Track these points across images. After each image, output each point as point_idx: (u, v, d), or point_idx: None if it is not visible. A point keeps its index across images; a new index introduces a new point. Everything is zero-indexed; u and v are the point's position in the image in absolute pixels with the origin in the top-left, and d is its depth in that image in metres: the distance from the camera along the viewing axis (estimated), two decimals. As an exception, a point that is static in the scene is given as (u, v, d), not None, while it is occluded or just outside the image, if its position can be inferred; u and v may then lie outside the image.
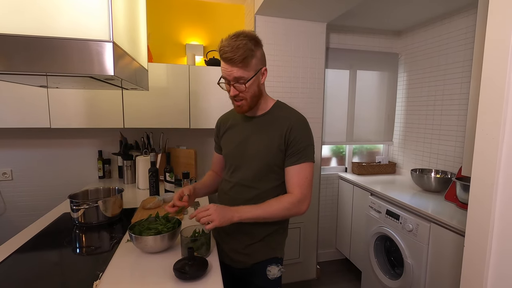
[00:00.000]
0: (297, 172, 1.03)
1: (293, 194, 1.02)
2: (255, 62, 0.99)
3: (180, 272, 0.88)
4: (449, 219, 1.52)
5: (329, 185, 2.70)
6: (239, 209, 0.97)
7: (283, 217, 1.03)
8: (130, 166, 2.10)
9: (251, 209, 0.98)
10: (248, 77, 0.98)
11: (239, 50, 0.93)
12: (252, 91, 1.02)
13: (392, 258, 2.05)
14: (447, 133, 2.20)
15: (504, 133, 0.81)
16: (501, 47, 0.82)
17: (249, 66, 0.97)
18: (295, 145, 1.02)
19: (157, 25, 2.25)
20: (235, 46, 0.93)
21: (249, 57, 0.96)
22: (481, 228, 0.89)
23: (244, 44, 0.94)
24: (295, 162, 1.02)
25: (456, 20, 2.12)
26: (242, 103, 1.04)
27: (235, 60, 0.94)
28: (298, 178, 1.02)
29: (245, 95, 1.02)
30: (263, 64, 1.04)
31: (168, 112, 2.03)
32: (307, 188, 1.03)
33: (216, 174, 1.30)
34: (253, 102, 1.05)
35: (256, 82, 1.02)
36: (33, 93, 1.78)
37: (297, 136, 1.02)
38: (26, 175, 2.13)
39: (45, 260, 1.03)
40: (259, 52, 1.01)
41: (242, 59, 0.94)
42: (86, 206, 1.29)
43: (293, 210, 1.01)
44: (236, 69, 0.97)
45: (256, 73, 1.00)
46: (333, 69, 2.56)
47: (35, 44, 0.74)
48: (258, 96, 1.06)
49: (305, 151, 1.03)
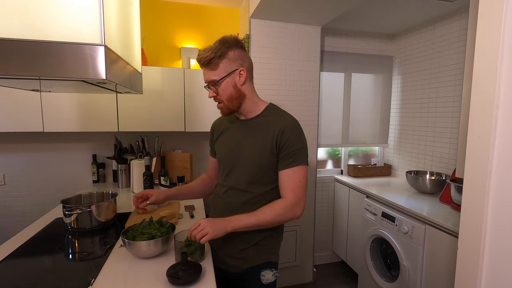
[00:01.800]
0: (290, 175, 1.02)
1: (287, 198, 1.01)
2: (227, 63, 1.00)
3: (173, 278, 0.87)
4: (444, 221, 1.53)
5: (325, 187, 2.71)
6: (232, 219, 0.96)
7: (278, 222, 1.02)
8: (124, 170, 2.08)
9: (244, 218, 0.97)
10: (218, 79, 1.00)
11: (207, 52, 0.98)
12: (227, 93, 1.02)
13: (388, 261, 2.05)
14: (442, 135, 2.21)
15: (496, 135, 0.82)
16: (491, 51, 0.83)
17: (218, 68, 1.00)
18: (287, 148, 1.01)
19: (152, 29, 2.25)
20: (207, 49, 0.98)
21: (217, 59, 0.98)
22: (474, 230, 0.89)
23: (216, 46, 0.98)
24: (287, 165, 1.02)
25: (448, 24, 2.15)
26: (221, 105, 1.06)
27: (203, 62, 1.00)
28: (291, 182, 1.01)
29: (220, 98, 1.03)
30: (238, 65, 1.02)
31: (163, 115, 2.02)
32: (301, 191, 1.02)
33: (209, 178, 1.30)
34: (232, 104, 1.05)
35: (230, 83, 1.02)
36: (25, 97, 1.76)
37: (289, 139, 1.01)
38: (19, 180, 2.10)
39: (36, 266, 1.01)
40: (233, 52, 1.01)
41: (209, 60, 0.98)
42: (79, 211, 1.28)
43: (288, 215, 1.00)
44: (206, 70, 1.01)
45: (228, 74, 1.01)
46: (328, 72, 2.58)
47: (26, 47, 0.74)
48: (238, 98, 1.05)
49: (297, 154, 1.02)
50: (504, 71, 0.81)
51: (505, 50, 0.80)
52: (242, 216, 0.98)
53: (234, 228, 0.95)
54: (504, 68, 0.80)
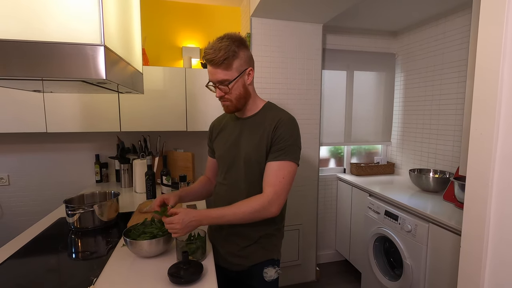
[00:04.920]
0: (275, 169, 0.99)
1: (264, 194, 0.97)
2: (239, 63, 0.99)
3: (174, 277, 0.88)
4: (447, 219, 1.52)
5: (328, 186, 2.70)
6: (202, 218, 0.96)
7: (251, 219, 0.98)
8: (127, 169, 2.09)
9: (216, 211, 0.98)
10: (231, 79, 0.98)
11: (220, 52, 0.94)
12: (237, 92, 1.02)
13: (391, 259, 2.04)
14: (445, 133, 2.19)
15: (498, 133, 0.81)
16: (493, 47, 0.82)
17: (232, 68, 0.98)
18: (279, 142, 1.00)
19: (153, 28, 2.25)
20: (217, 48, 0.95)
21: (231, 58, 0.96)
22: (477, 228, 0.88)
23: (226, 45, 0.95)
24: (275, 158, 0.99)
25: (451, 20, 2.12)
26: (228, 104, 1.04)
27: (216, 62, 0.96)
28: (274, 176, 0.98)
29: (230, 97, 1.02)
30: (248, 65, 1.02)
31: (165, 115, 2.03)
32: (282, 188, 0.98)
33: (208, 179, 1.29)
34: (240, 103, 1.04)
35: (240, 83, 1.01)
36: (28, 98, 1.78)
37: (282, 133, 1.00)
38: (23, 180, 2.12)
39: (40, 266, 1.02)
40: (243, 53, 1.00)
41: (223, 60, 0.95)
42: (82, 211, 1.28)
43: (262, 212, 0.96)
44: (219, 70, 0.98)
45: (240, 74, 1.00)
46: (330, 70, 2.56)
47: (25, 48, 0.74)
48: (245, 97, 1.05)
49: (288, 149, 0.99)
50: (507, 68, 0.79)
51: (507, 46, 0.79)
52: (215, 210, 0.98)
53: (201, 220, 0.95)
54: (506, 65, 0.79)
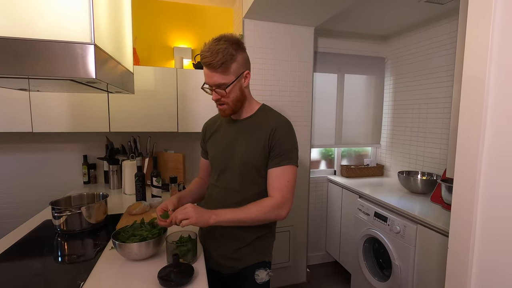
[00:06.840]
0: (279, 175, 1.01)
1: (274, 197, 1.00)
2: (236, 66, 0.98)
3: (164, 280, 0.86)
4: (435, 221, 1.55)
5: (318, 188, 2.72)
6: (217, 212, 0.95)
7: (262, 221, 1.00)
8: (116, 171, 2.05)
9: (229, 212, 0.96)
10: (228, 82, 0.97)
11: (218, 55, 0.92)
12: (234, 95, 1.01)
13: (380, 260, 2.06)
14: (433, 136, 2.24)
15: (485, 136, 0.83)
16: (480, 52, 0.84)
17: (229, 71, 0.96)
18: (278, 147, 1.01)
19: (145, 28, 2.22)
20: (214, 50, 0.93)
21: (229, 62, 0.95)
22: (464, 230, 0.90)
23: (224, 48, 0.93)
24: (277, 164, 1.01)
25: (439, 26, 2.18)
26: (225, 107, 1.03)
27: (214, 65, 0.94)
28: (279, 181, 1.00)
29: (226, 100, 1.01)
30: (245, 67, 1.02)
31: (155, 115, 2.00)
32: (289, 192, 1.00)
33: (202, 181, 1.28)
34: (236, 106, 1.04)
35: (237, 86, 1.01)
36: (13, 96, 1.72)
37: (280, 138, 1.01)
38: (7, 181, 2.05)
39: (24, 270, 0.99)
40: (241, 55, 0.99)
41: (221, 63, 0.93)
42: (69, 213, 1.25)
43: (272, 214, 0.98)
44: (216, 74, 0.96)
45: (238, 77, 0.99)
46: (321, 72, 2.59)
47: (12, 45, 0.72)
48: (242, 100, 1.05)
49: (288, 154, 1.01)
50: (493, 73, 0.82)
51: (493, 51, 0.81)
52: (228, 210, 0.97)
53: (217, 221, 0.93)
54: (493, 69, 0.82)
